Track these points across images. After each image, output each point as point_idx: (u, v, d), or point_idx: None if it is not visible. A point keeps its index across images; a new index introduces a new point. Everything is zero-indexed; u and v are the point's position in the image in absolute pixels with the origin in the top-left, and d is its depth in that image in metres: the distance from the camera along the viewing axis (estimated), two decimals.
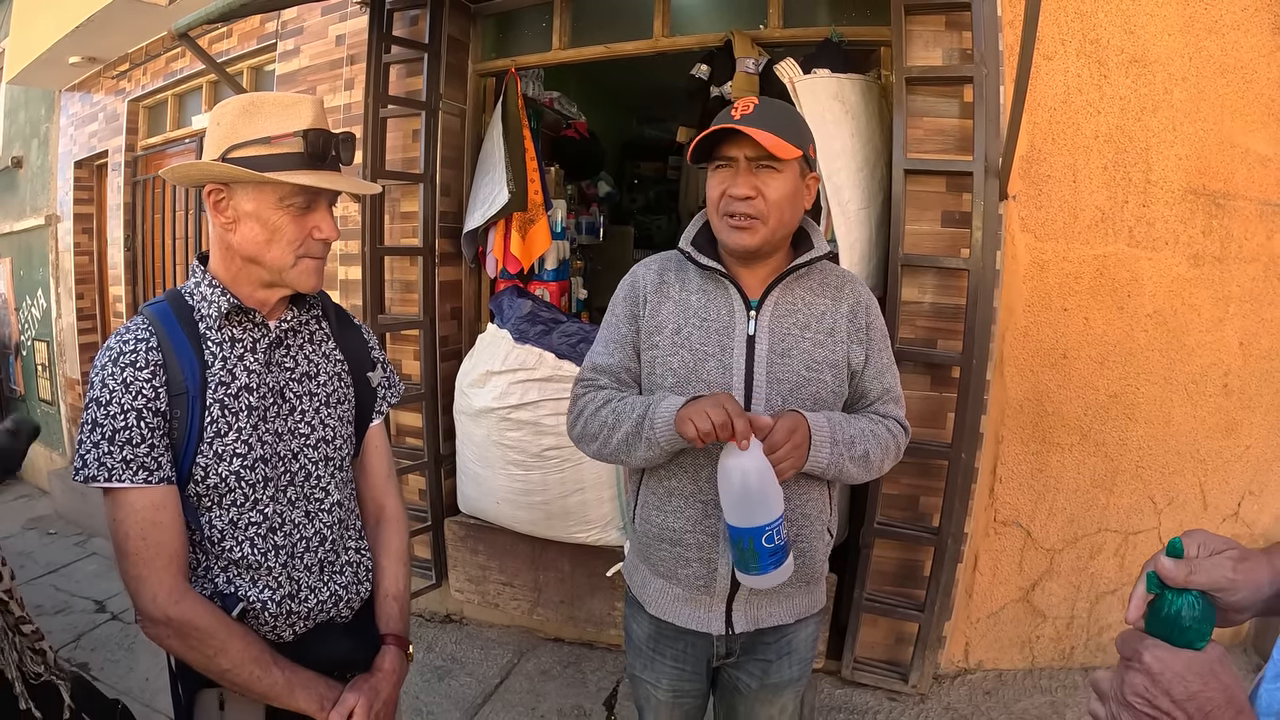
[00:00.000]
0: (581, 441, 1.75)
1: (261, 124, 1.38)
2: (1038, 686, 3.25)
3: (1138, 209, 3.04)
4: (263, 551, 1.44)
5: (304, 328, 1.58)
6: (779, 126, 1.53)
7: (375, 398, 1.73)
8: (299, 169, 1.38)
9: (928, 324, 3.02)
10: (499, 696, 3.27)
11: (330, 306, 1.68)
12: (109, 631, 4.04)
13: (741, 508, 1.47)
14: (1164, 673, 0.79)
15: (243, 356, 1.45)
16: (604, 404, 1.68)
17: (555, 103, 4.70)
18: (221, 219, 1.41)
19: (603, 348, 1.78)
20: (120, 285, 5.90)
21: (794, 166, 1.57)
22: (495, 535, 3.63)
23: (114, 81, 5.88)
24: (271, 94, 1.46)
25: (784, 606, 1.74)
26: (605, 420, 1.66)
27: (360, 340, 1.72)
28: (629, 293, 1.77)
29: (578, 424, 1.74)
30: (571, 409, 1.76)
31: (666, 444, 1.55)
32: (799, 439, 1.50)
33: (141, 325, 1.39)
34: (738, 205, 1.57)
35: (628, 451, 1.63)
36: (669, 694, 1.84)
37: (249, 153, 1.37)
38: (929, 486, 3.09)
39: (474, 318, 4.08)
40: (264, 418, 1.46)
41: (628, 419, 1.61)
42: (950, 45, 2.92)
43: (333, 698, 1.44)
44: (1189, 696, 0.77)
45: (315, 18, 4.17)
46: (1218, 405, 3.16)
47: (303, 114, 1.40)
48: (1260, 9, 2.99)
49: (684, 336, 1.66)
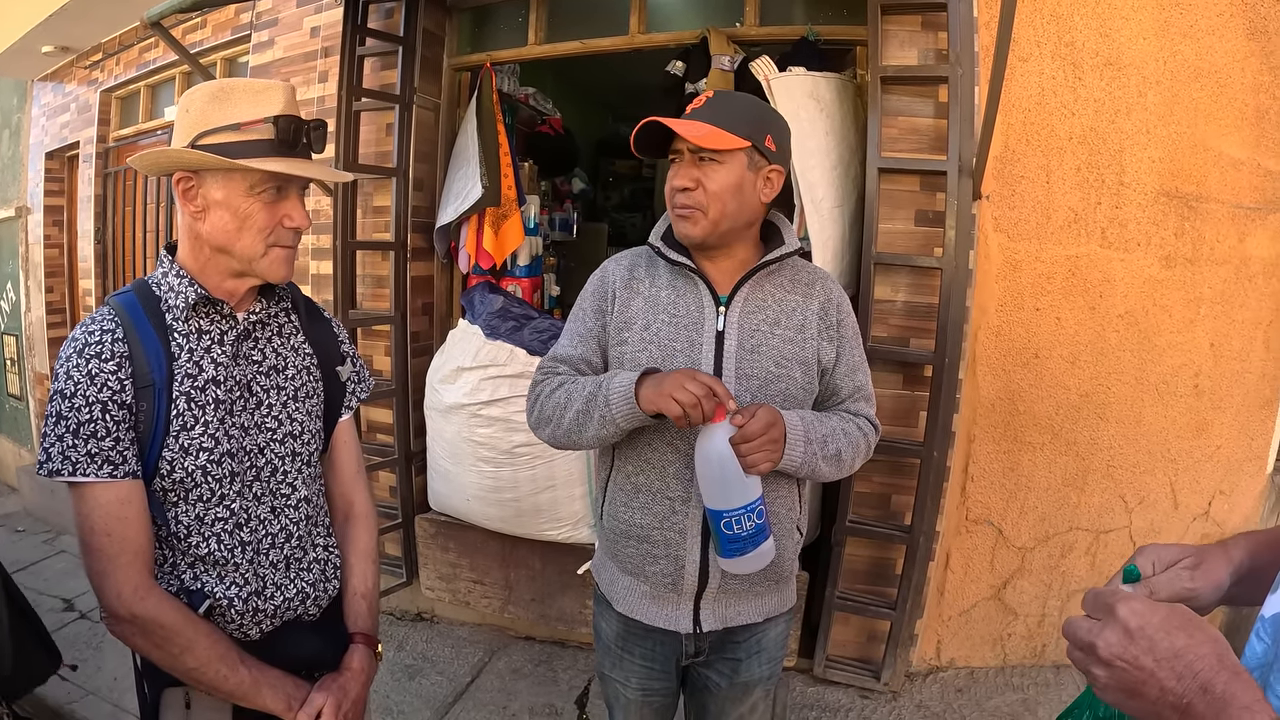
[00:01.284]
0: (538, 427, 1.73)
1: (232, 110, 1.35)
2: (1010, 684, 3.26)
3: (1110, 210, 3.06)
4: (229, 548, 1.42)
5: (273, 320, 1.56)
6: (726, 118, 1.54)
7: (345, 392, 1.71)
8: (269, 156, 1.35)
9: (900, 323, 3.02)
10: (470, 695, 3.24)
11: (300, 299, 1.64)
12: (77, 630, 3.98)
13: (721, 488, 1.47)
14: (1143, 627, 0.71)
15: (210, 348, 1.42)
16: (558, 387, 1.67)
17: (531, 99, 4.67)
18: (191, 207, 1.38)
19: (567, 340, 1.78)
20: (90, 279, 5.82)
21: (739, 157, 1.57)
22: (466, 533, 3.59)
23: (86, 72, 5.80)
24: (242, 80, 1.44)
25: (753, 605, 1.73)
26: (558, 401, 1.65)
27: (330, 334, 1.70)
28: (598, 288, 1.76)
29: (534, 409, 1.72)
30: (529, 395, 1.75)
31: (623, 419, 1.53)
32: (776, 434, 1.49)
33: (107, 316, 1.36)
34: (678, 196, 1.60)
35: (579, 431, 1.61)
36: (638, 693, 1.83)
37: (219, 139, 1.34)
38: (901, 485, 3.09)
39: (446, 313, 4.05)
40: (231, 411, 1.43)
41: (578, 397, 1.60)
42: (926, 45, 2.91)
43: (300, 697, 1.42)
44: (1174, 654, 0.69)
45: (290, 9, 4.13)
46: (1188, 405, 3.19)
47: (274, 100, 1.38)
48: (1235, 14, 3.01)
49: (653, 333, 1.65)
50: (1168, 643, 0.69)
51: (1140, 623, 0.71)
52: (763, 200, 1.64)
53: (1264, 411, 3.24)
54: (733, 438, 1.44)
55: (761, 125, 1.59)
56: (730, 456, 1.44)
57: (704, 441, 1.46)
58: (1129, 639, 0.71)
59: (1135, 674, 0.71)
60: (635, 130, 1.58)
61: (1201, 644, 0.69)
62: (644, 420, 1.51)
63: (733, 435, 1.44)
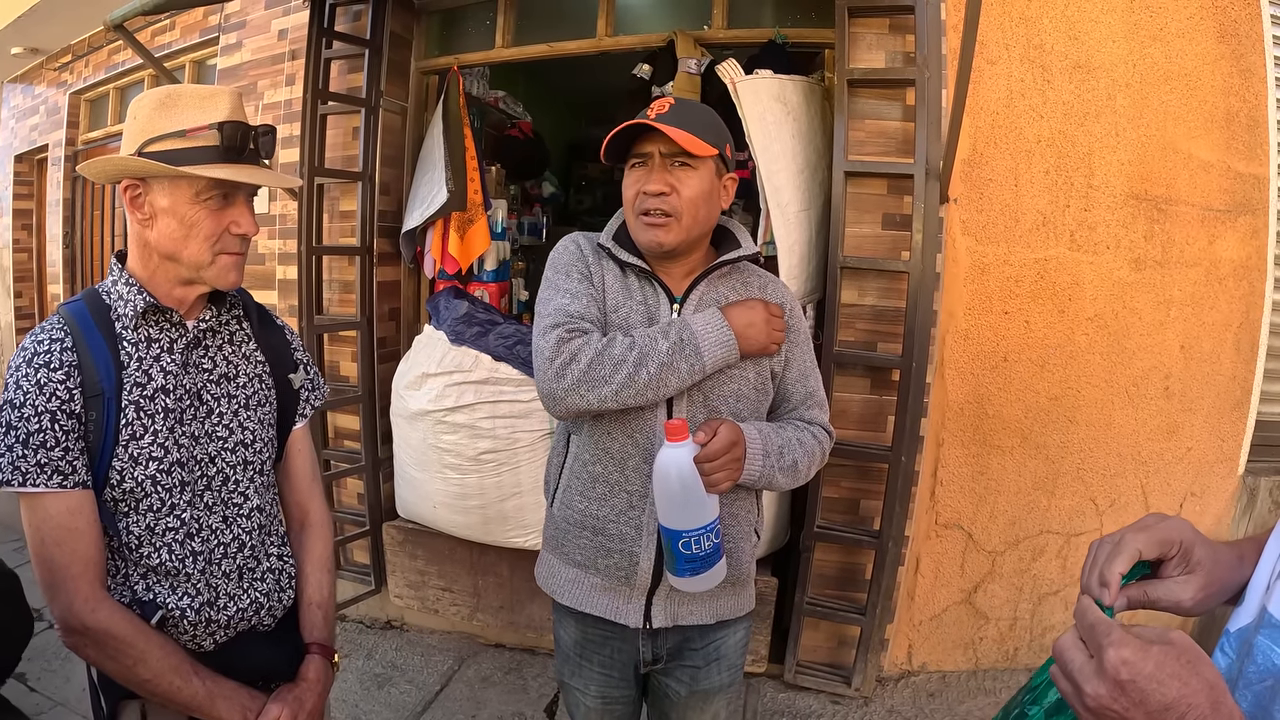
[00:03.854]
0: (583, 385, 1.50)
1: (178, 117, 1.35)
2: (981, 688, 3.26)
3: (1079, 213, 3.05)
4: (180, 558, 1.41)
5: (224, 328, 1.55)
6: (695, 125, 1.53)
7: (298, 400, 1.69)
8: (216, 163, 1.35)
9: (868, 327, 3.00)
10: (439, 704, 3.21)
11: (252, 306, 1.63)
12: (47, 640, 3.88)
13: (677, 509, 1.44)
14: (1134, 680, 0.67)
15: (159, 357, 1.41)
16: (610, 342, 1.52)
17: (500, 102, 4.63)
18: (138, 215, 1.38)
19: (568, 299, 1.61)
20: (59, 283, 5.78)
21: (709, 165, 1.56)
22: (434, 540, 3.56)
23: (56, 74, 5.76)
24: (190, 86, 1.43)
25: (707, 606, 1.70)
26: (622, 357, 1.49)
27: (282, 340, 1.68)
28: (575, 254, 1.69)
29: (576, 369, 1.50)
30: (556, 355, 1.52)
31: (714, 366, 1.55)
32: (739, 451, 1.48)
33: (56, 325, 1.35)
34: (652, 202, 1.56)
35: (658, 386, 1.50)
36: (598, 700, 1.81)
37: (165, 146, 1.34)
38: (869, 490, 3.07)
39: (413, 319, 4.01)
40: (180, 420, 1.42)
41: (656, 350, 1.50)
42: (893, 48, 2.90)
43: (255, 709, 1.43)
44: (1165, 706, 0.66)
45: (259, 11, 4.08)
46: (1159, 408, 3.19)
47: (219, 106, 1.37)
48: (1205, 17, 3.02)
49: (622, 316, 1.63)
50: (1159, 695, 0.66)
51: (1131, 675, 0.68)
52: (723, 208, 1.65)
53: (1235, 413, 3.24)
54: (696, 456, 1.41)
55: (721, 134, 1.59)
56: (693, 476, 1.40)
57: (664, 461, 1.41)
58: (1119, 691, 0.68)
59: None
60: (614, 132, 1.54)
61: (1195, 692, 0.66)
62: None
63: (695, 454, 1.41)
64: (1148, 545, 0.88)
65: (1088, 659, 0.72)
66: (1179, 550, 0.88)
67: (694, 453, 1.41)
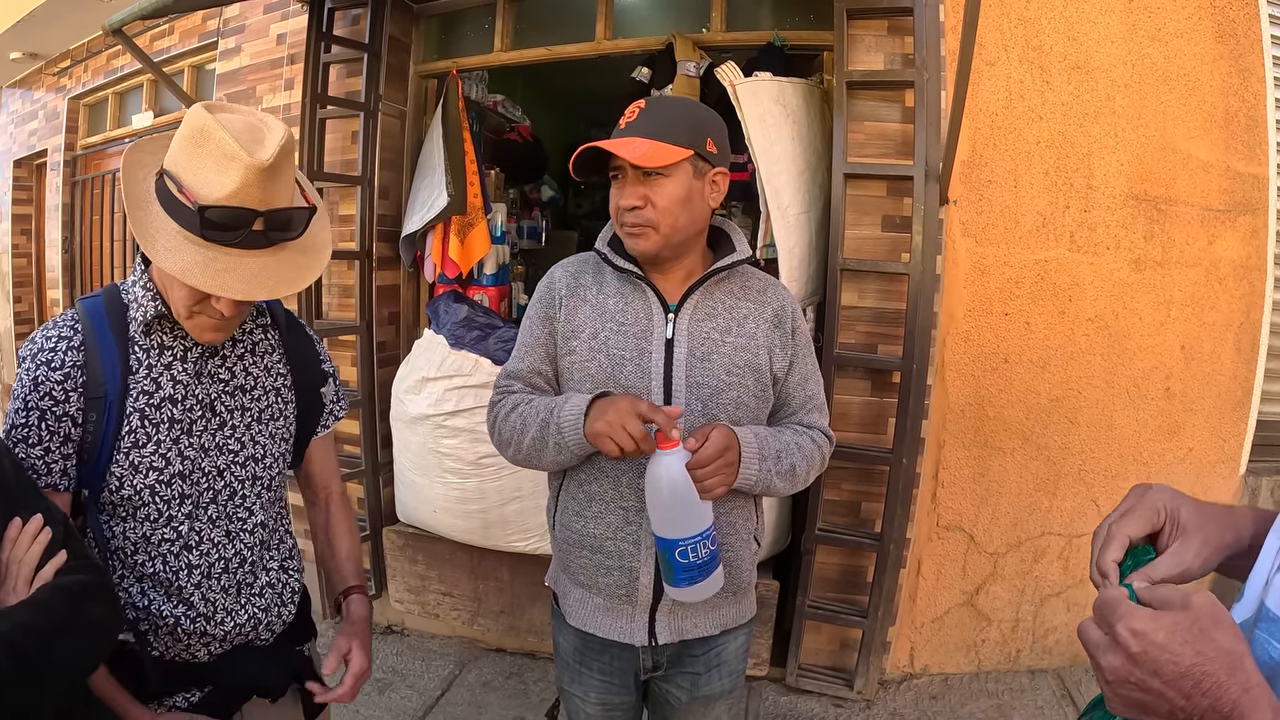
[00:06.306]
0: (501, 449, 1.70)
1: (196, 162, 1.20)
2: (984, 690, 3.26)
3: (1079, 214, 3.05)
4: (174, 570, 1.38)
5: (246, 337, 1.50)
6: (665, 128, 1.51)
7: (323, 412, 1.67)
8: (200, 235, 1.21)
9: (868, 329, 3.00)
10: (440, 709, 3.20)
11: (280, 313, 1.58)
12: None
13: (671, 518, 1.42)
14: (1146, 650, 0.68)
15: (170, 365, 1.37)
16: (512, 409, 1.64)
17: (499, 106, 4.63)
18: None
19: (517, 354, 1.73)
20: (59, 288, 5.77)
21: (684, 168, 1.53)
22: (434, 544, 3.55)
23: (55, 79, 5.76)
24: (234, 128, 1.21)
25: (710, 617, 1.70)
26: (515, 425, 1.62)
27: (311, 351, 1.64)
28: (544, 295, 1.72)
29: (494, 432, 1.70)
30: (488, 416, 1.72)
31: (576, 448, 1.52)
32: (732, 456, 1.47)
33: (67, 322, 1.33)
34: (627, 215, 1.56)
35: (538, 456, 1.60)
36: (598, 707, 1.80)
37: (171, 185, 1.22)
38: (870, 492, 3.07)
39: (412, 323, 4.00)
40: (188, 431, 1.38)
41: (533, 423, 1.57)
42: (892, 50, 2.90)
43: None
44: (1181, 674, 0.66)
45: (257, 15, 4.08)
46: (1160, 408, 3.18)
47: (232, 175, 1.18)
48: (1203, 17, 3.02)
49: (601, 341, 1.61)
50: (1173, 663, 0.67)
51: (1142, 646, 0.68)
52: (711, 205, 1.61)
53: (1236, 413, 3.24)
54: (688, 463, 1.40)
55: (700, 129, 1.55)
56: (685, 483, 1.39)
57: (655, 469, 1.40)
58: (1132, 663, 0.69)
59: (1143, 695, 0.69)
60: (573, 157, 1.54)
61: (1210, 658, 0.66)
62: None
63: (687, 460, 1.40)
64: (1135, 527, 0.88)
65: (1104, 635, 0.73)
66: (1166, 516, 0.88)
67: (685, 459, 1.40)
